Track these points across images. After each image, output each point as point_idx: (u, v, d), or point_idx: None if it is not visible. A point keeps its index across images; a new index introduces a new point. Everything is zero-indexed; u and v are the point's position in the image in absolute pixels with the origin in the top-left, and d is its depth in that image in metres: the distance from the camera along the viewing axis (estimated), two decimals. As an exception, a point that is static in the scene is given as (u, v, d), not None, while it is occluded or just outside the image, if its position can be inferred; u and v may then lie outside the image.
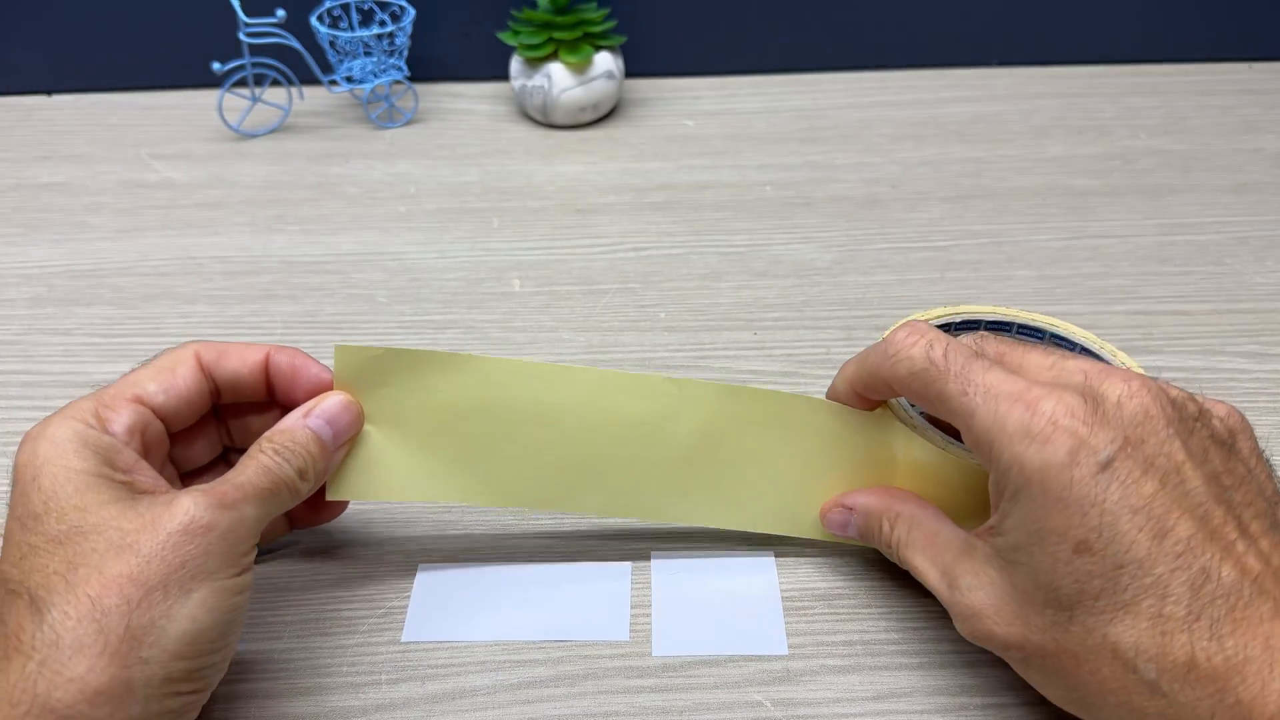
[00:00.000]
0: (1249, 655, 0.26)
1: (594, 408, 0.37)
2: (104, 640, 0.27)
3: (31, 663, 0.27)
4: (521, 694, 0.35)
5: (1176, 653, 0.27)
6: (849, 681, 0.35)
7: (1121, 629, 0.27)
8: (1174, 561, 0.27)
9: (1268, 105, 0.71)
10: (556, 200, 0.62)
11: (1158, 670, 0.27)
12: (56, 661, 0.27)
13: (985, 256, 0.57)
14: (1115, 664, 0.28)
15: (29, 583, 0.28)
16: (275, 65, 0.67)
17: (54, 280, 0.55)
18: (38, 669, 0.26)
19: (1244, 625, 0.26)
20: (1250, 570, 0.27)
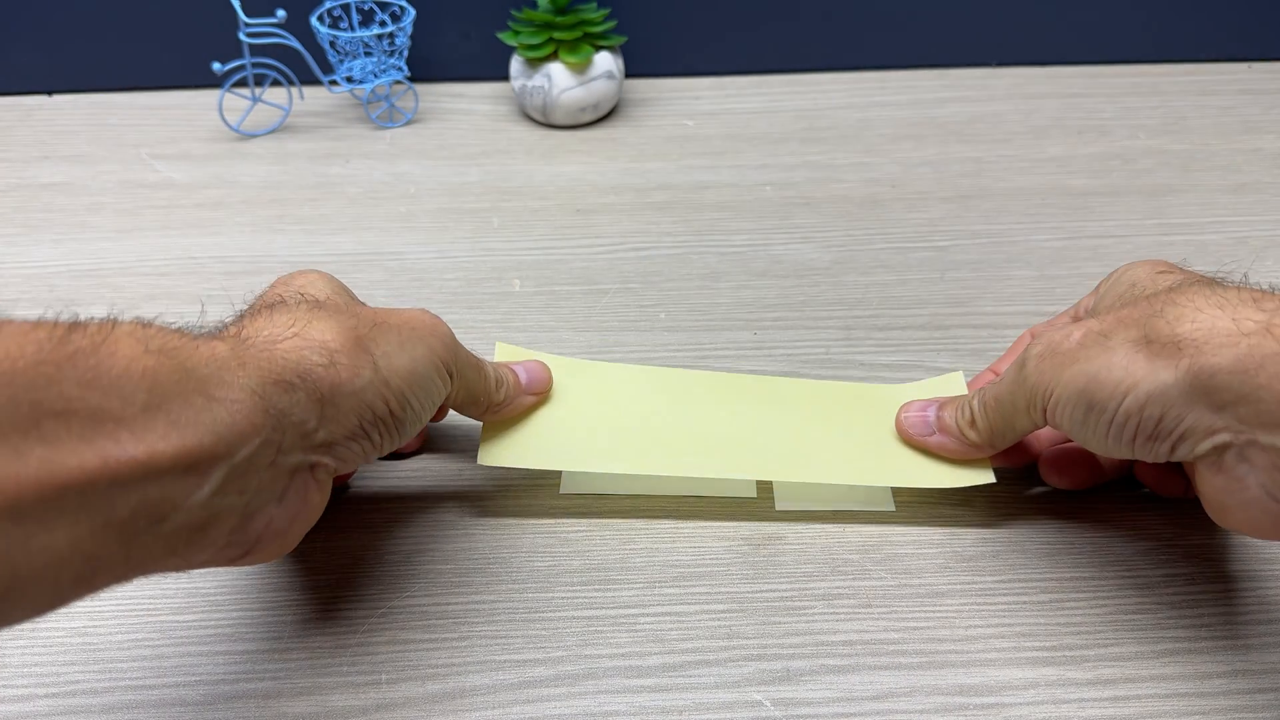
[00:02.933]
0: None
1: (710, 396, 0.44)
2: (353, 324, 0.33)
3: (304, 314, 0.33)
4: (521, 694, 0.35)
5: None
6: (849, 681, 0.35)
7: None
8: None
9: (1267, 105, 0.71)
10: (556, 200, 0.62)
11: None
12: (312, 318, 0.33)
13: (985, 256, 0.57)
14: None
15: (303, 297, 0.35)
16: (275, 65, 0.67)
17: (55, 280, 0.55)
18: (306, 318, 0.33)
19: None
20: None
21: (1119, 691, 0.35)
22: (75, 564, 0.25)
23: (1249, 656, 0.36)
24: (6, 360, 0.24)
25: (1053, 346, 0.35)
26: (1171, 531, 0.41)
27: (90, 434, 0.24)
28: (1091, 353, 0.33)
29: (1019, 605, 0.38)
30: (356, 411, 0.33)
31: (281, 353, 0.31)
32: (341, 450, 0.33)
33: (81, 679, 0.36)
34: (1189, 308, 0.32)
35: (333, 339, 0.32)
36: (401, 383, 0.34)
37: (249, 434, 0.29)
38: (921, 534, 0.41)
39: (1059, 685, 0.35)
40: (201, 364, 0.28)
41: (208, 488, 0.28)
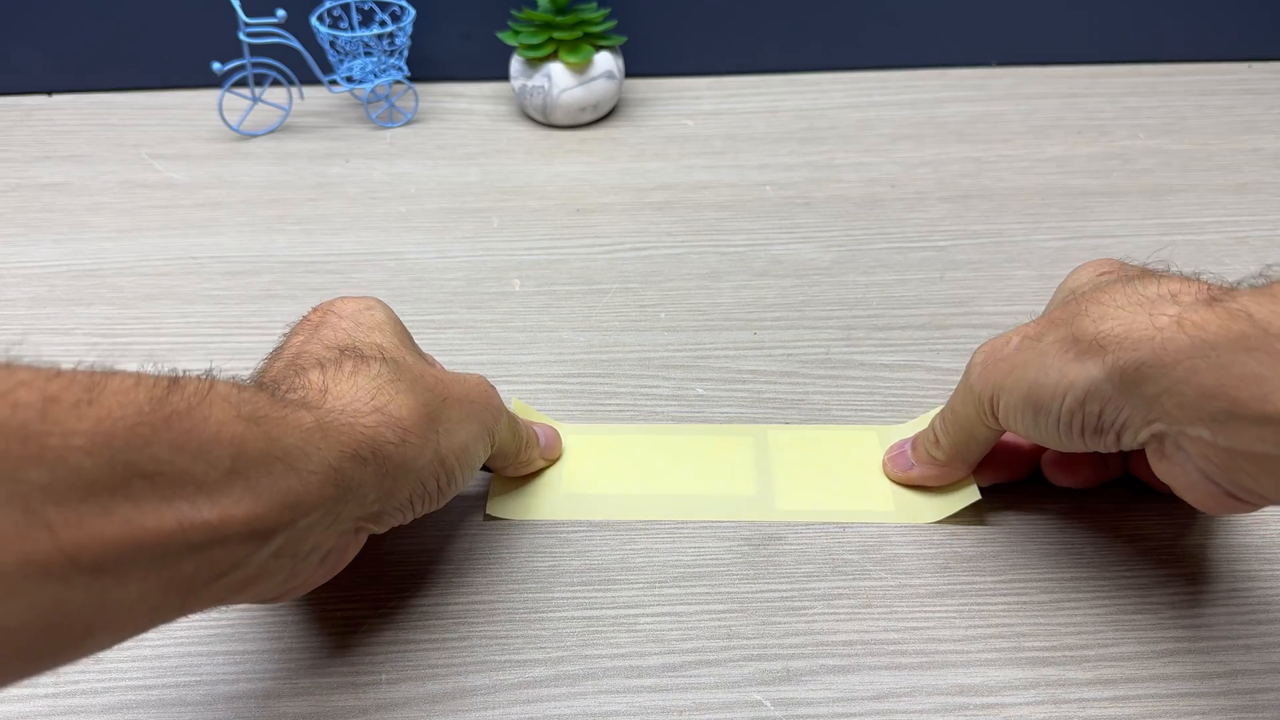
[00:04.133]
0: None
1: (706, 446, 0.45)
2: (423, 400, 0.34)
3: (387, 384, 0.33)
4: (521, 694, 0.35)
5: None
6: (849, 681, 0.35)
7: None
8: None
9: (1267, 105, 0.71)
10: (556, 200, 0.62)
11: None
12: (394, 390, 0.33)
13: (985, 256, 0.57)
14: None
15: (381, 353, 0.35)
16: (275, 65, 0.67)
17: (54, 280, 0.55)
18: (390, 391, 0.33)
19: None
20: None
21: (1119, 691, 0.35)
22: (139, 614, 0.26)
23: (1249, 656, 0.36)
24: (108, 421, 0.24)
25: (993, 353, 0.36)
26: (1171, 532, 0.41)
27: (171, 496, 0.25)
28: (1028, 356, 0.35)
29: (1019, 605, 0.38)
30: (410, 486, 0.34)
31: (362, 428, 0.32)
32: (386, 517, 0.34)
33: (81, 679, 0.35)
34: (1111, 305, 0.33)
35: (408, 416, 0.33)
36: (455, 460, 0.35)
37: (316, 505, 0.30)
38: (921, 534, 0.41)
39: (1059, 685, 0.35)
40: (287, 434, 0.29)
41: (267, 550, 0.29)
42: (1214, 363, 0.29)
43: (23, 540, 0.22)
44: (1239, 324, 0.29)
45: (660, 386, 0.48)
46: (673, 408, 0.47)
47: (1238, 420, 0.29)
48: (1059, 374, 0.33)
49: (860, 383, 0.48)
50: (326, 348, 0.35)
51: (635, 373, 0.49)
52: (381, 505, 0.33)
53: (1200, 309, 0.30)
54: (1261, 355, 0.28)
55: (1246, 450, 0.29)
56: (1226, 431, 0.29)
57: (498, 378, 0.49)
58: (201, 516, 0.26)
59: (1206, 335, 0.29)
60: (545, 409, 0.47)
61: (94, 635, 0.25)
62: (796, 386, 0.48)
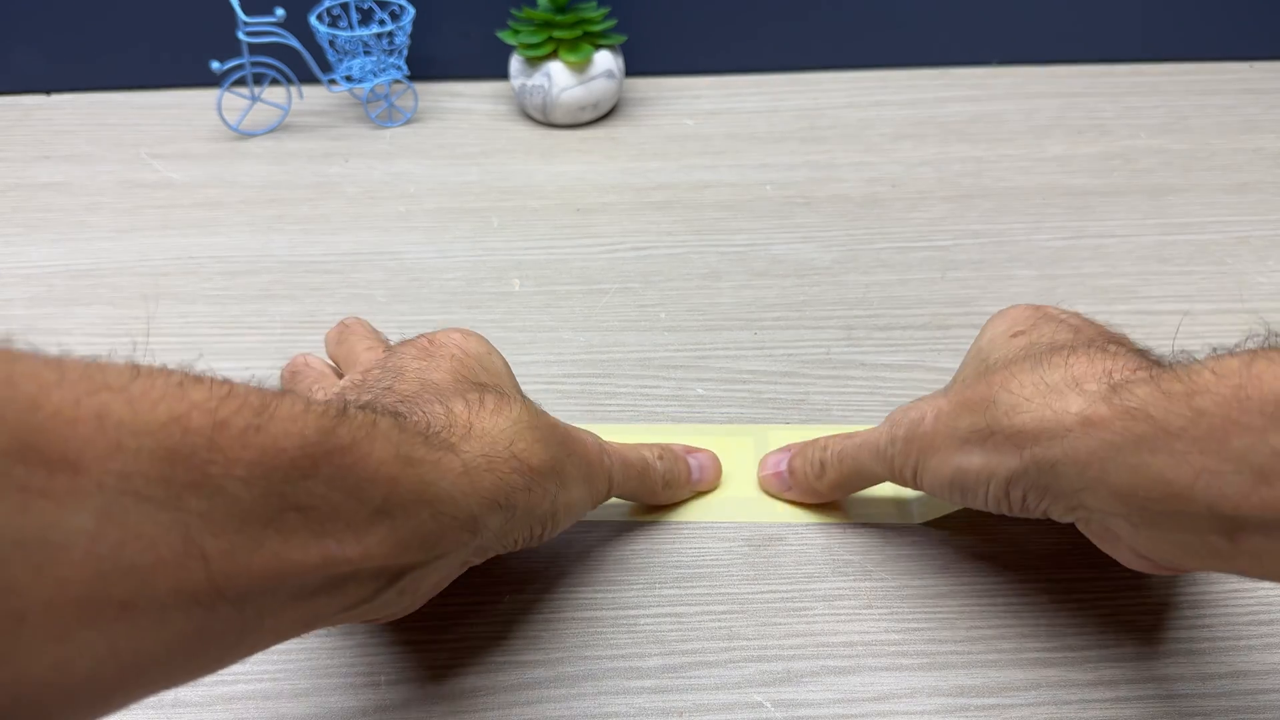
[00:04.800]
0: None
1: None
2: (553, 455, 0.34)
3: (525, 431, 0.33)
4: (521, 694, 0.35)
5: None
6: (849, 682, 0.35)
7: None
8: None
9: (1268, 105, 0.71)
10: (556, 200, 0.62)
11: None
12: (531, 438, 0.33)
13: (986, 256, 0.57)
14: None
15: (517, 394, 0.36)
16: (274, 64, 0.67)
17: (53, 280, 0.55)
18: (528, 439, 0.33)
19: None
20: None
21: (1121, 692, 0.35)
22: (268, 641, 0.26)
23: (1250, 657, 0.36)
24: (273, 451, 0.24)
25: (911, 430, 0.36)
26: (1173, 532, 0.41)
27: (321, 532, 0.25)
28: (948, 443, 0.34)
29: (1020, 606, 0.38)
30: (525, 530, 0.34)
31: (502, 476, 0.32)
32: (489, 552, 0.34)
33: (80, 680, 0.35)
34: (1020, 397, 0.32)
35: (539, 464, 0.33)
36: (564, 515, 0.35)
37: (451, 549, 0.30)
38: (922, 535, 0.41)
39: (1061, 686, 0.35)
40: (440, 478, 0.29)
41: (396, 588, 0.29)
42: (1121, 464, 0.29)
43: (179, 569, 0.21)
44: (1139, 425, 0.29)
45: (660, 387, 0.48)
46: (673, 408, 0.47)
47: (1153, 514, 0.29)
48: (981, 463, 0.33)
49: (861, 383, 0.48)
50: (459, 380, 0.35)
51: (635, 373, 0.49)
52: (496, 544, 0.33)
53: (1101, 406, 0.30)
54: (1164, 457, 0.28)
55: (1165, 538, 0.29)
56: (1145, 523, 0.30)
57: (497, 378, 0.49)
58: (345, 554, 0.26)
59: (1110, 438, 0.29)
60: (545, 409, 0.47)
61: (224, 662, 0.24)
62: (797, 387, 0.48)
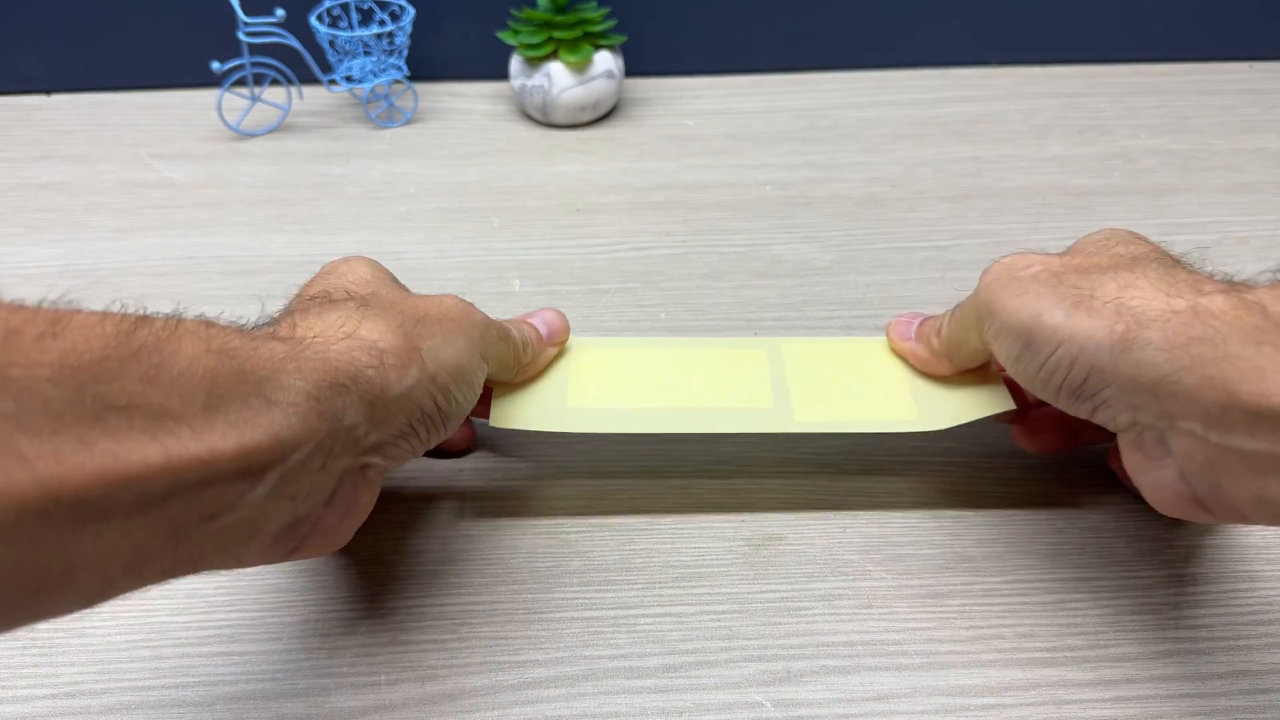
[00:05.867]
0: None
1: (706, 361, 0.43)
2: (395, 325, 0.33)
3: (353, 313, 0.33)
4: (521, 694, 0.35)
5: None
6: (849, 682, 0.35)
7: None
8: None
9: (1268, 105, 0.71)
10: (556, 200, 0.62)
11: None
12: (361, 316, 0.33)
13: (986, 256, 0.57)
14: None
15: (349, 294, 0.35)
16: (275, 65, 0.67)
17: (54, 280, 0.55)
18: (357, 317, 0.33)
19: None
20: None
21: (1120, 692, 0.35)
22: (125, 554, 0.25)
23: (1250, 657, 0.36)
24: (73, 354, 0.24)
25: (1009, 270, 0.35)
26: (1173, 532, 0.41)
27: (154, 430, 0.25)
28: (1041, 290, 0.33)
29: (1020, 606, 0.38)
30: (405, 411, 0.33)
31: (334, 355, 0.31)
32: (390, 449, 0.33)
33: (81, 679, 0.35)
34: (1140, 278, 0.32)
35: (381, 338, 0.32)
36: (447, 378, 0.34)
37: (304, 438, 0.29)
38: (922, 534, 0.41)
39: (1060, 686, 0.35)
40: (260, 365, 0.28)
41: (261, 490, 0.28)
42: (1220, 352, 0.29)
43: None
44: (1252, 315, 0.29)
45: (660, 386, 0.48)
46: (673, 408, 0.47)
47: (1233, 414, 0.28)
48: (1064, 320, 0.32)
49: (860, 383, 0.48)
50: (299, 300, 0.35)
51: (635, 373, 0.49)
52: (380, 435, 0.32)
53: (1217, 297, 0.30)
54: (1269, 349, 0.28)
55: (1236, 447, 0.29)
56: (1219, 426, 0.29)
57: (497, 378, 0.49)
58: (189, 450, 0.25)
59: (1217, 324, 0.29)
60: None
61: (76, 575, 0.24)
62: (797, 386, 0.48)
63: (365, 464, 0.32)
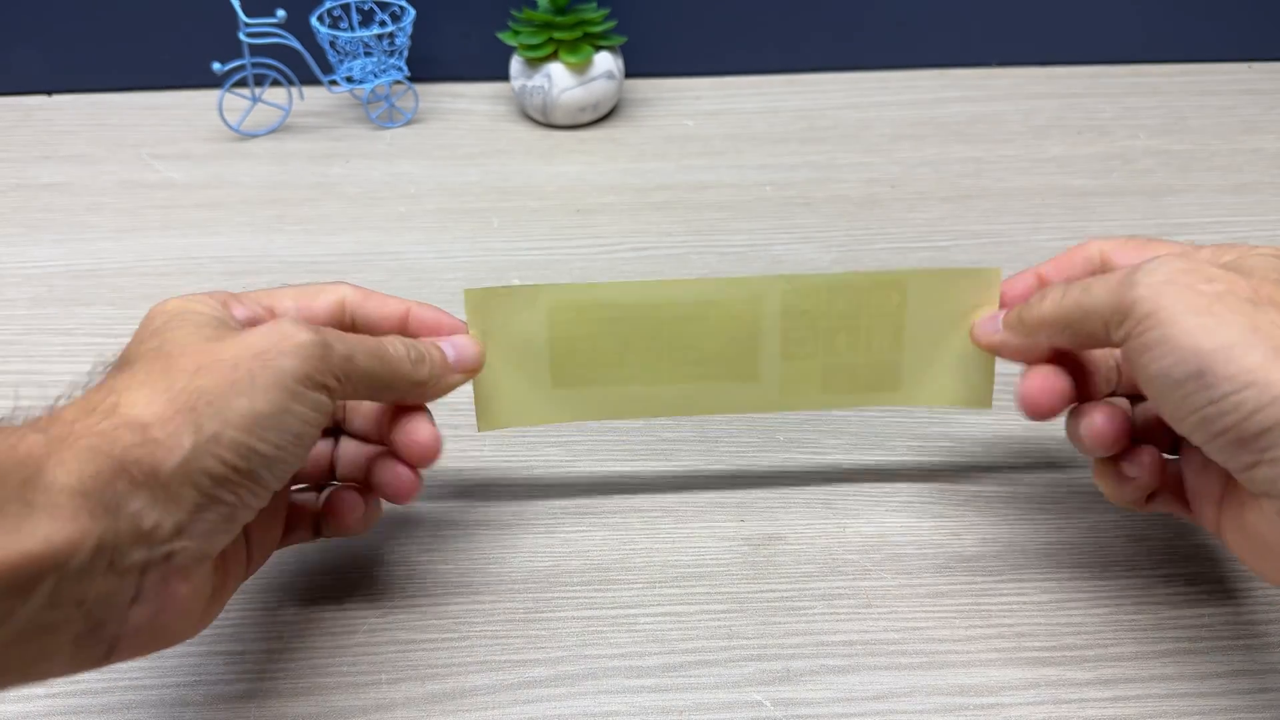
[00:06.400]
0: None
1: (704, 308, 0.39)
2: (168, 384, 0.29)
3: (116, 384, 0.29)
4: (521, 694, 0.35)
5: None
6: (849, 681, 0.35)
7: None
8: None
9: (1268, 105, 0.71)
10: (556, 200, 0.62)
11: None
12: (127, 385, 0.29)
13: (985, 256, 0.57)
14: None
15: (134, 353, 0.31)
16: (275, 65, 0.67)
17: (54, 280, 0.55)
18: (122, 388, 0.29)
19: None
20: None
21: (1119, 691, 0.35)
22: None
23: (1249, 656, 0.36)
24: None
25: (1187, 277, 0.30)
26: (1172, 532, 0.41)
27: None
28: (1232, 316, 0.28)
29: (1019, 605, 0.38)
30: (191, 483, 0.28)
31: (98, 440, 0.27)
32: (195, 528, 0.28)
33: (81, 679, 0.35)
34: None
35: (144, 410, 0.28)
36: (238, 432, 0.29)
37: (77, 541, 0.25)
38: (922, 534, 0.41)
39: (1059, 685, 0.35)
40: (16, 465, 0.25)
41: (35, 602, 0.25)
42: None
43: None
44: None
45: (660, 386, 0.48)
46: (673, 408, 0.47)
47: None
48: (1261, 362, 0.27)
49: (860, 383, 0.48)
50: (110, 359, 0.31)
51: (635, 373, 0.49)
52: (174, 518, 0.28)
53: None
54: None
55: None
56: None
57: (498, 378, 0.49)
58: None
59: None
60: (545, 409, 0.47)
61: None
62: (796, 386, 0.48)
63: (168, 552, 0.28)
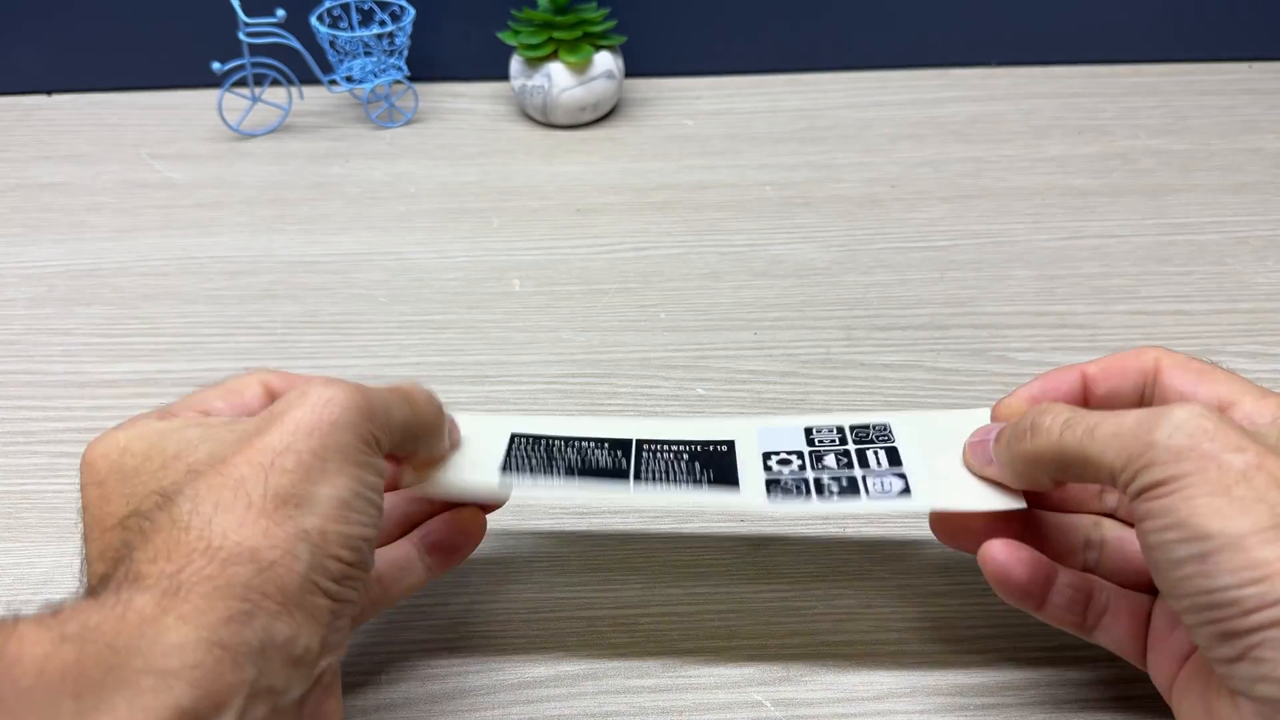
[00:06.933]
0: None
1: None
2: (246, 498, 0.25)
3: (194, 516, 0.25)
4: (521, 694, 0.35)
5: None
6: (849, 681, 0.35)
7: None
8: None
9: (1268, 105, 0.71)
10: (556, 200, 0.62)
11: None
12: (212, 512, 0.25)
13: (985, 256, 0.57)
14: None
15: (144, 505, 0.26)
16: (275, 65, 0.67)
17: (54, 280, 0.55)
18: (206, 516, 0.25)
19: None
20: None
21: (1119, 691, 0.35)
22: None
23: (1250, 657, 0.36)
24: None
25: (1207, 445, 0.26)
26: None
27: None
28: (1253, 504, 0.25)
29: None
30: (321, 591, 0.26)
31: (211, 583, 0.24)
32: (333, 638, 0.27)
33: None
34: None
35: (242, 534, 0.25)
36: (336, 524, 0.27)
37: (226, 695, 0.23)
38: (922, 534, 0.41)
39: (1059, 685, 0.35)
40: (132, 634, 0.23)
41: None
42: None
43: None
44: None
45: (660, 387, 0.48)
46: (673, 407, 0.47)
47: None
48: (1271, 558, 0.25)
49: (861, 383, 0.48)
50: (129, 506, 0.27)
51: (635, 373, 0.49)
52: (320, 637, 0.26)
53: None
54: None
55: None
56: None
57: (498, 378, 0.49)
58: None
59: None
60: (545, 409, 0.47)
61: None
62: (797, 387, 0.48)
63: (319, 674, 0.26)
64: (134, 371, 0.49)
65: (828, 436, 0.36)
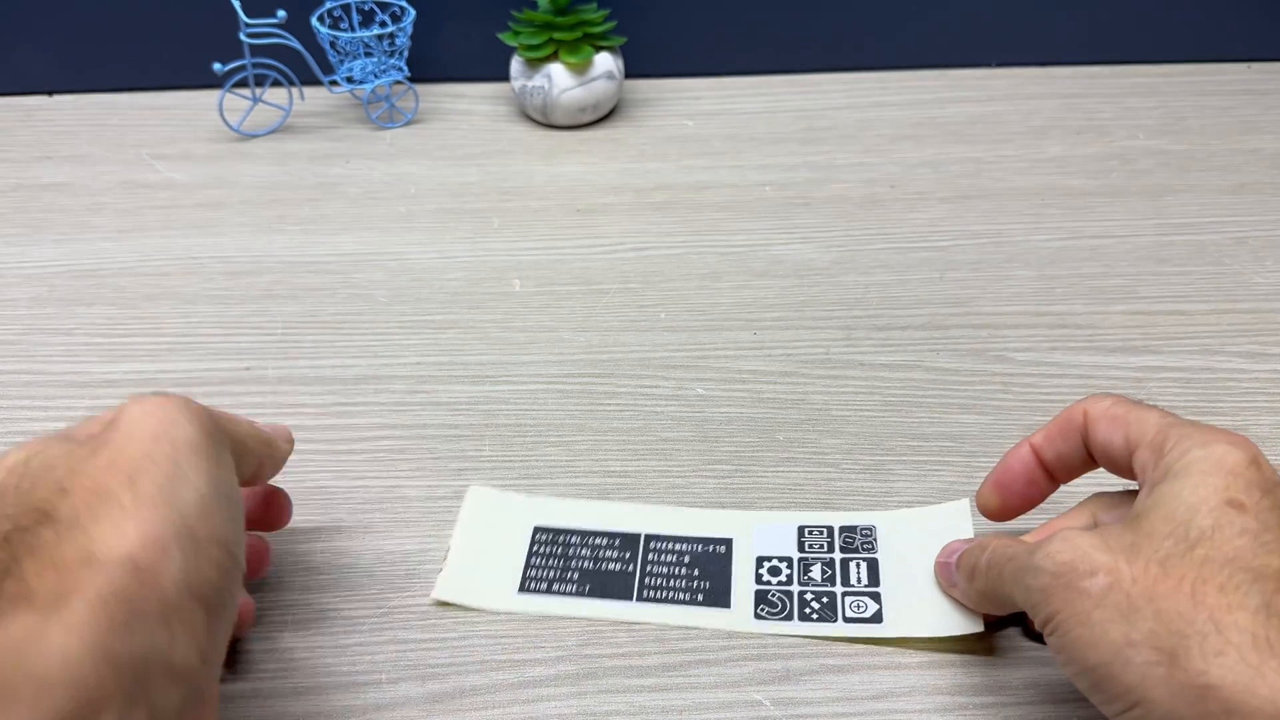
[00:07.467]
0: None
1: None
2: (118, 507, 0.26)
3: (73, 525, 0.25)
4: (521, 694, 0.35)
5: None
6: (849, 681, 0.36)
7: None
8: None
9: (1267, 105, 0.71)
10: (556, 200, 0.62)
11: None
12: (97, 521, 0.25)
13: (984, 256, 0.57)
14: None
15: (23, 521, 0.26)
16: (276, 66, 0.67)
17: (55, 280, 0.55)
18: (86, 521, 0.25)
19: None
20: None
21: (1118, 691, 0.35)
22: None
23: (1248, 656, 0.36)
24: None
25: (1066, 575, 0.29)
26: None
27: None
28: (1109, 628, 0.27)
29: (1018, 605, 0.38)
30: (197, 598, 0.26)
31: (96, 592, 0.24)
32: (212, 652, 0.27)
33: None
34: (1226, 640, 0.26)
35: (120, 542, 0.25)
36: (201, 523, 0.27)
37: (104, 703, 0.23)
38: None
39: (1059, 685, 0.35)
40: (14, 649, 0.23)
41: None
42: None
43: None
44: None
45: (660, 386, 0.48)
46: (673, 408, 0.47)
47: None
48: (1138, 681, 0.27)
49: (860, 383, 0.48)
50: (10, 523, 0.26)
51: (635, 373, 0.49)
52: (198, 646, 0.26)
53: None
54: None
55: None
56: None
57: (498, 378, 0.49)
58: None
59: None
60: (545, 409, 0.47)
61: None
62: (796, 386, 0.48)
63: (199, 688, 0.27)
64: (135, 372, 0.49)
65: (818, 540, 0.40)
